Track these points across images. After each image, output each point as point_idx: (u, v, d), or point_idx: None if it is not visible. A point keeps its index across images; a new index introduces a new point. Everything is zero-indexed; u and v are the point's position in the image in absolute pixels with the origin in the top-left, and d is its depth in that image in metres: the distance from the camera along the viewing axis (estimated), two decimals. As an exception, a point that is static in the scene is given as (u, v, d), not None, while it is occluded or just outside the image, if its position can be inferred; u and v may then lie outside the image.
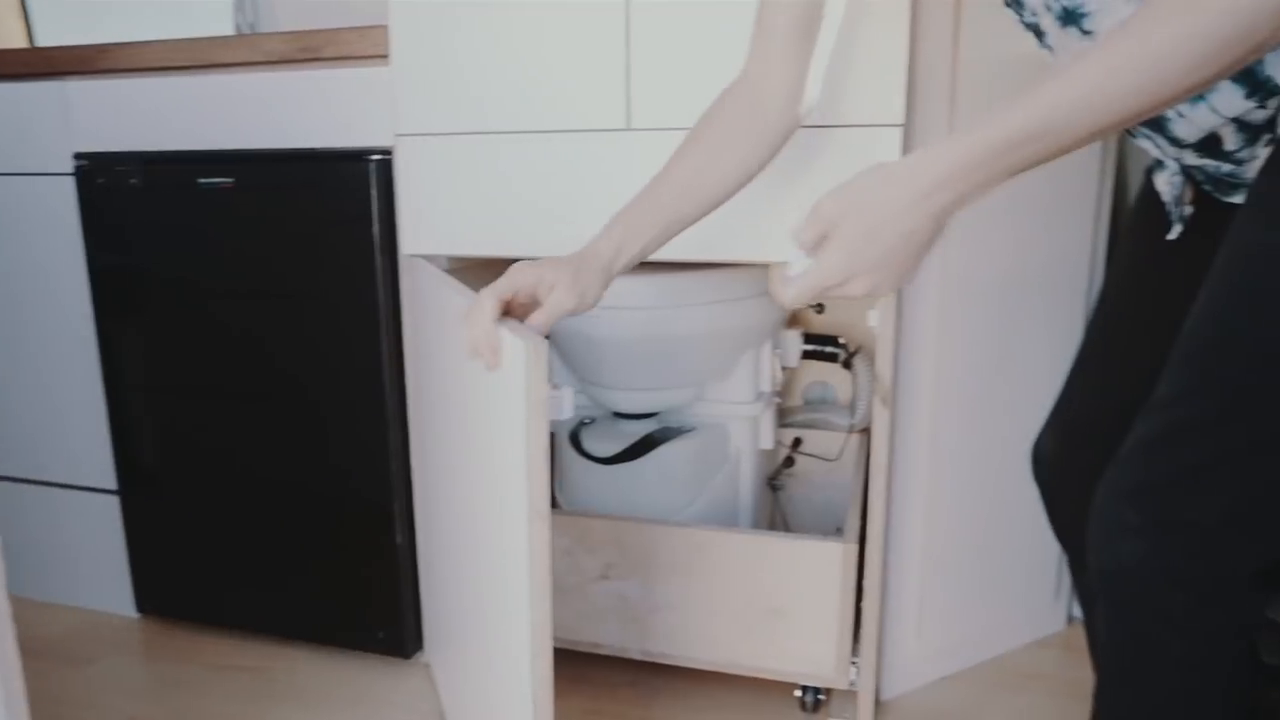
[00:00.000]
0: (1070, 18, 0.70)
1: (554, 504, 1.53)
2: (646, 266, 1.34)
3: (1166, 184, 0.80)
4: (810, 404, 1.77)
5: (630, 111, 1.20)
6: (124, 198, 1.42)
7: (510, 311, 0.83)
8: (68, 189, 1.47)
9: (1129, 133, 0.77)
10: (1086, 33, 0.69)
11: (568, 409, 0.86)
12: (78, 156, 1.45)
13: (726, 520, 1.45)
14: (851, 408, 1.66)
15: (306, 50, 1.32)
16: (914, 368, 1.30)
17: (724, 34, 1.13)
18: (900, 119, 1.09)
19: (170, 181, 1.39)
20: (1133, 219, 0.89)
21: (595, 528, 1.32)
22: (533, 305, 0.83)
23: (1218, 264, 0.66)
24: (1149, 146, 0.78)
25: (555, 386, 0.83)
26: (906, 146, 1.11)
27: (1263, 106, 0.66)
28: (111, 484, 1.58)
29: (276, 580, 1.49)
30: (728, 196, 0.89)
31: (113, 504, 1.59)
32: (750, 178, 0.89)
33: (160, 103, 1.40)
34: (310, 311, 1.37)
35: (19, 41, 2.31)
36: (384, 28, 1.27)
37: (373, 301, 1.33)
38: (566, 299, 0.82)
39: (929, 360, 1.30)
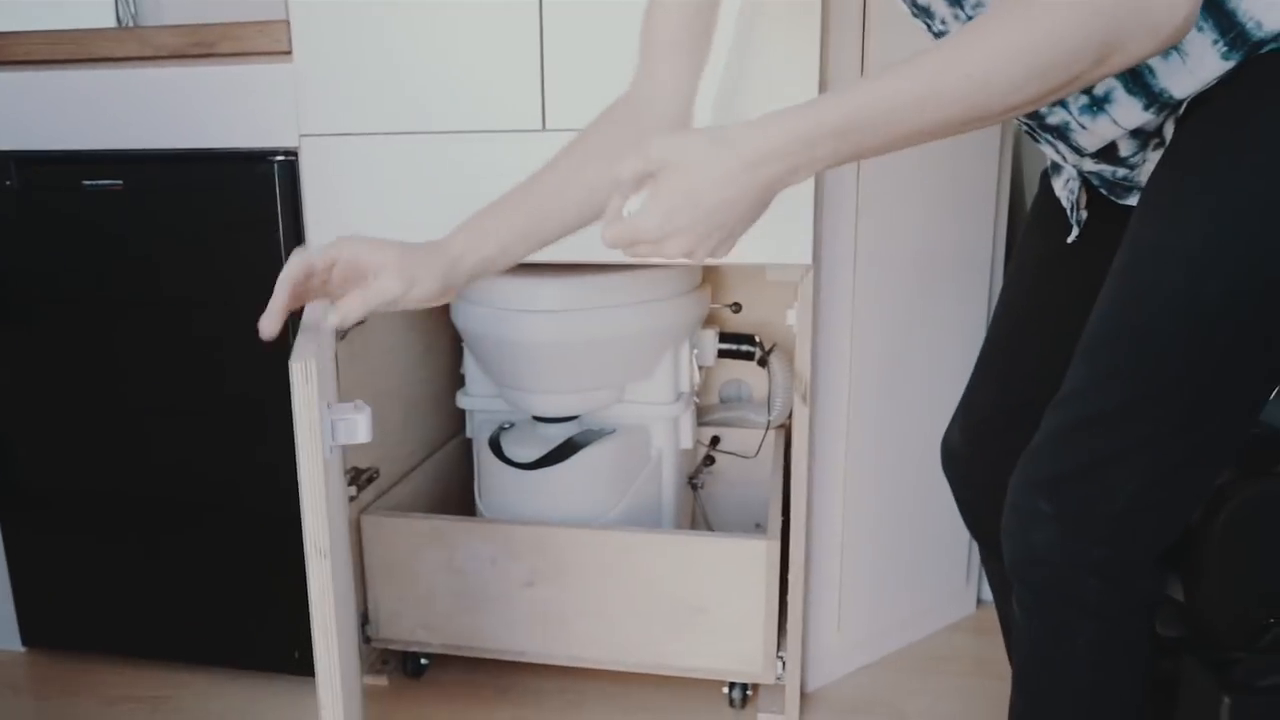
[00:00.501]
0: None
1: (475, 511, 1.50)
2: (564, 269, 1.33)
3: (1064, 189, 0.84)
4: (726, 402, 1.79)
5: (545, 112, 1.18)
6: (-1, 201, 1.33)
7: (328, 287, 0.78)
8: (-67, 192, 1.36)
9: (1032, 137, 0.80)
10: None
11: (364, 433, 0.77)
12: (-56, 156, 1.34)
13: (650, 521, 1.44)
14: (768, 405, 1.68)
15: (201, 45, 1.25)
16: (830, 365, 1.32)
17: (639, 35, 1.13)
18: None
19: (52, 184, 1.30)
20: (1031, 220, 0.93)
21: (518, 535, 1.30)
22: (355, 283, 0.77)
23: (1115, 264, 0.69)
24: (1050, 151, 0.81)
25: (357, 408, 0.77)
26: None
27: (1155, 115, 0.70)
28: (-10, 509, 1.47)
29: (172, 603, 1.41)
30: (596, 212, 0.83)
31: (-8, 531, 1.47)
32: None
33: (40, 99, 1.30)
34: (208, 320, 1.30)
35: None
36: (285, 23, 1.22)
37: (279, 308, 1.27)
38: (392, 285, 0.75)
39: (843, 357, 1.33)
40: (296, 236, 1.27)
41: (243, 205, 1.26)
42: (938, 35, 0.78)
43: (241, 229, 1.26)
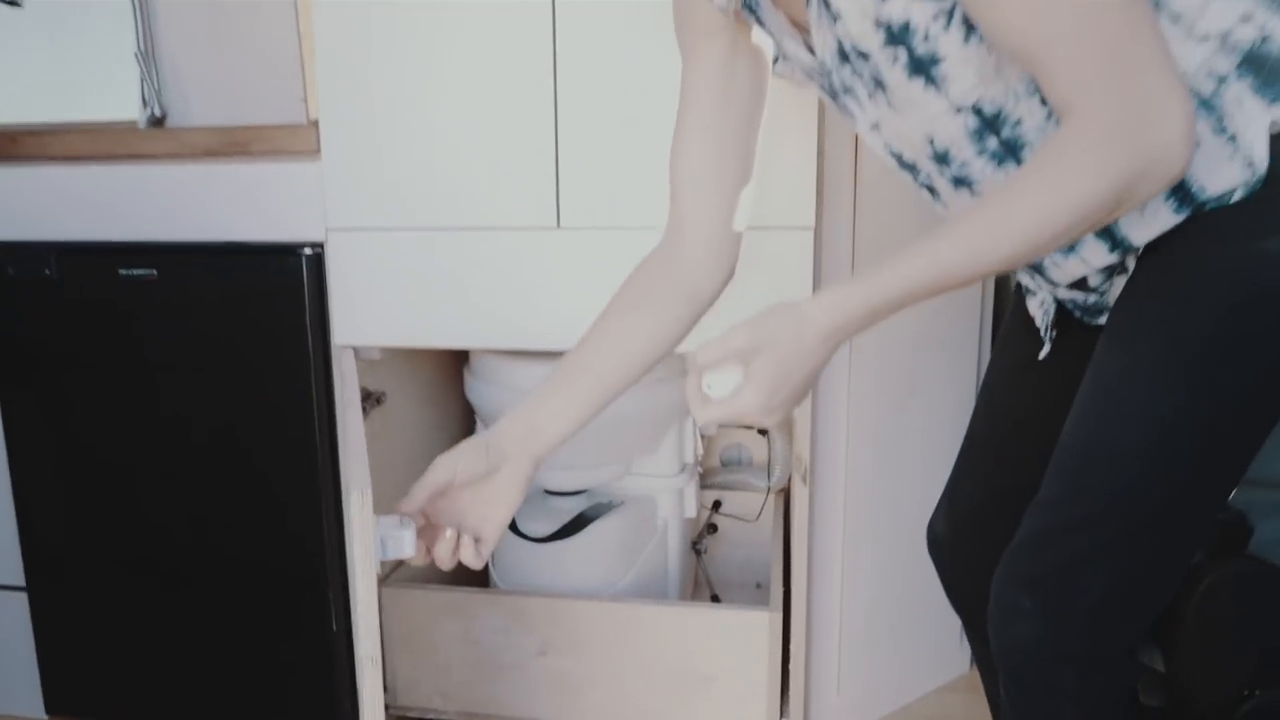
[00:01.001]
0: (961, 183, 0.80)
1: (490, 581, 1.55)
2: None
3: (1039, 309, 0.91)
4: (728, 465, 1.86)
5: (560, 211, 1.26)
6: (37, 288, 1.39)
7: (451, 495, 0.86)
8: (-27, 278, 1.43)
9: None
10: (976, 194, 0.80)
11: (409, 548, 0.83)
12: (-15, 245, 1.41)
13: (657, 587, 1.51)
14: (768, 469, 1.75)
15: (234, 145, 1.33)
16: (828, 444, 1.40)
17: (651, 136, 1.20)
18: (811, 223, 1.20)
19: (89, 273, 1.37)
20: (1007, 329, 1.01)
21: (531, 606, 1.36)
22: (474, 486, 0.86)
23: (1083, 385, 0.77)
24: (1027, 280, 0.89)
25: (402, 523, 0.83)
26: (817, 248, 1.21)
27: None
28: (17, 579, 1.52)
29: (196, 671, 1.46)
30: (652, 361, 0.90)
31: (18, 600, 1.52)
32: (673, 345, 0.91)
33: (79, 192, 1.37)
34: (238, 396, 1.37)
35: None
36: (314, 125, 1.30)
37: (305, 390, 1.34)
38: (511, 495, 0.87)
39: (840, 437, 1.40)
40: (322, 324, 1.34)
41: (272, 295, 1.33)
42: (924, 186, 0.86)
43: (270, 317, 1.33)
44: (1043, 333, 0.91)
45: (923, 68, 0.73)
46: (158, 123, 1.88)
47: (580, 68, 1.21)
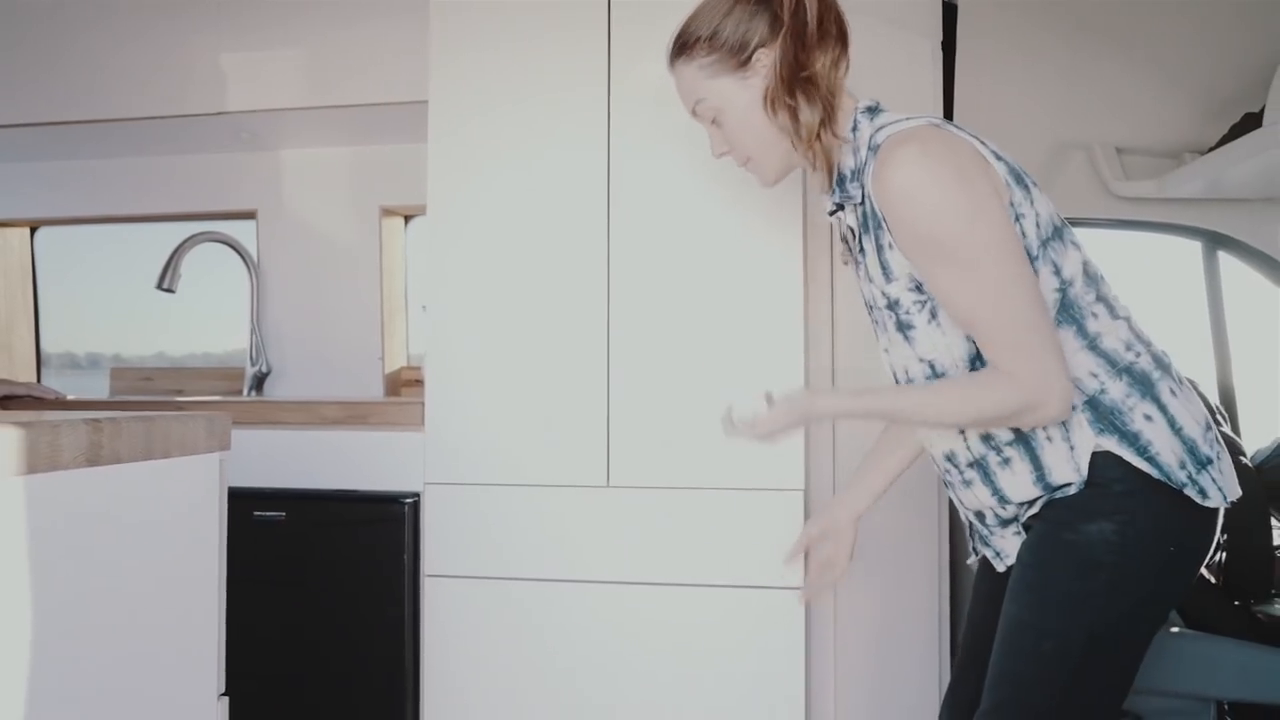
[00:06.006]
0: (902, 327, 1.16)
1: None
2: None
3: (967, 526, 1.28)
4: None
5: (610, 471, 1.65)
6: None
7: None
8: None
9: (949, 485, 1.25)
10: (909, 340, 1.14)
11: None
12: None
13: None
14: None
15: (356, 417, 1.74)
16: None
17: (694, 398, 1.62)
18: (801, 485, 1.59)
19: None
20: (980, 562, 1.37)
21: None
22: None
23: (999, 622, 1.14)
24: (954, 500, 1.26)
25: None
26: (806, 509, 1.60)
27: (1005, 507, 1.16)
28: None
29: None
30: (909, 460, 1.35)
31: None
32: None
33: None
34: (345, 611, 1.69)
35: (28, 350, 2.63)
36: (420, 404, 1.71)
37: (399, 614, 1.67)
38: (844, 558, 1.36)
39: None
40: (415, 557, 1.69)
41: (378, 534, 1.69)
42: (874, 321, 1.22)
43: (377, 551, 1.68)
44: (970, 546, 1.27)
45: (902, 328, 1.15)
46: (262, 379, 2.31)
47: (629, 345, 1.64)
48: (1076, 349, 1.08)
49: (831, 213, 1.21)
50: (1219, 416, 1.83)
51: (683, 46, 1.19)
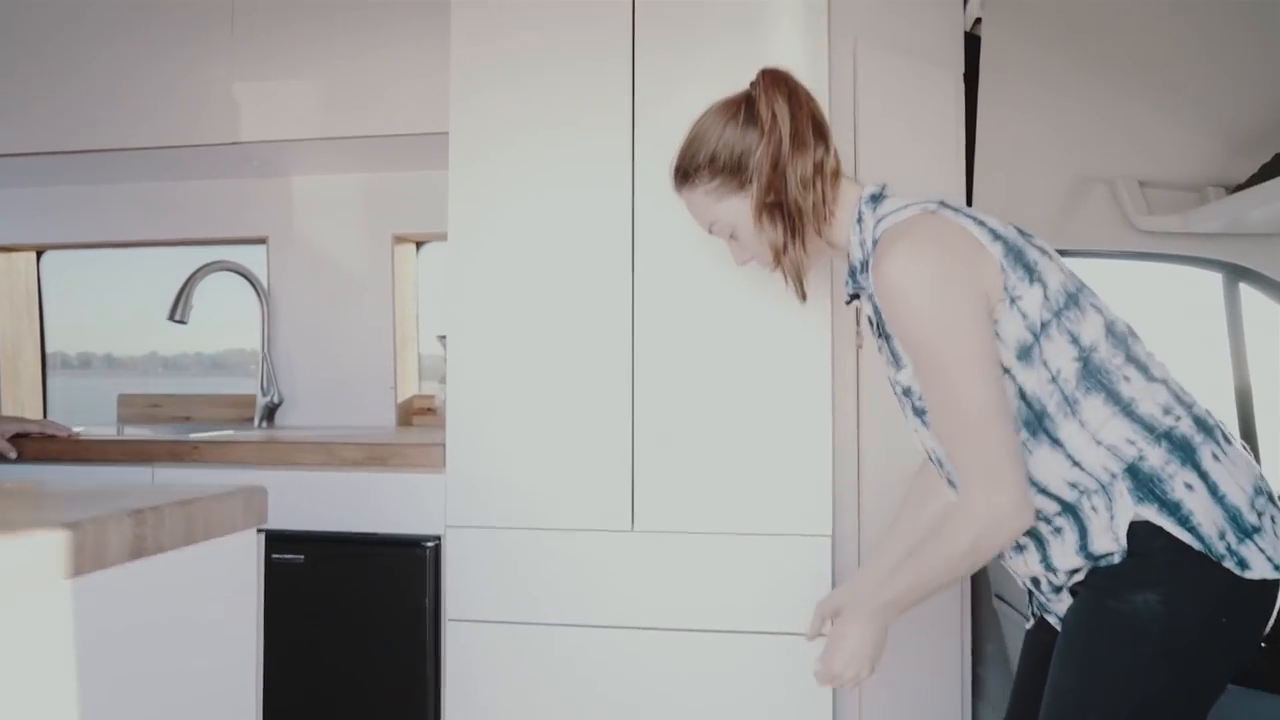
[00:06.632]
0: (917, 412, 1.17)
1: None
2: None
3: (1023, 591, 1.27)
4: None
5: (635, 516, 1.63)
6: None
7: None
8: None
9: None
10: (925, 424, 1.16)
11: None
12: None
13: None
14: None
15: (375, 459, 1.71)
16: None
17: (722, 440, 1.59)
18: (829, 531, 1.58)
19: (247, 557, 1.70)
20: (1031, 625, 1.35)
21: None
22: None
23: (1046, 684, 1.12)
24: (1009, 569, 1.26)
25: None
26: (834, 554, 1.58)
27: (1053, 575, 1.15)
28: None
29: None
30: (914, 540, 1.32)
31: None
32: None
33: (243, 492, 1.73)
34: (367, 652, 1.67)
35: (34, 374, 2.60)
36: (441, 446, 1.69)
37: (420, 659, 1.65)
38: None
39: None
40: (437, 601, 1.67)
41: (399, 577, 1.66)
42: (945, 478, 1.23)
43: (399, 594, 1.66)
44: (1029, 610, 1.26)
45: (918, 414, 1.16)
46: (273, 410, 2.28)
47: (655, 385, 1.62)
48: (1109, 415, 1.07)
49: (848, 301, 1.25)
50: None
51: (685, 175, 1.26)
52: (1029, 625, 1.28)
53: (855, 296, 1.23)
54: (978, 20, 1.95)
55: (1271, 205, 1.66)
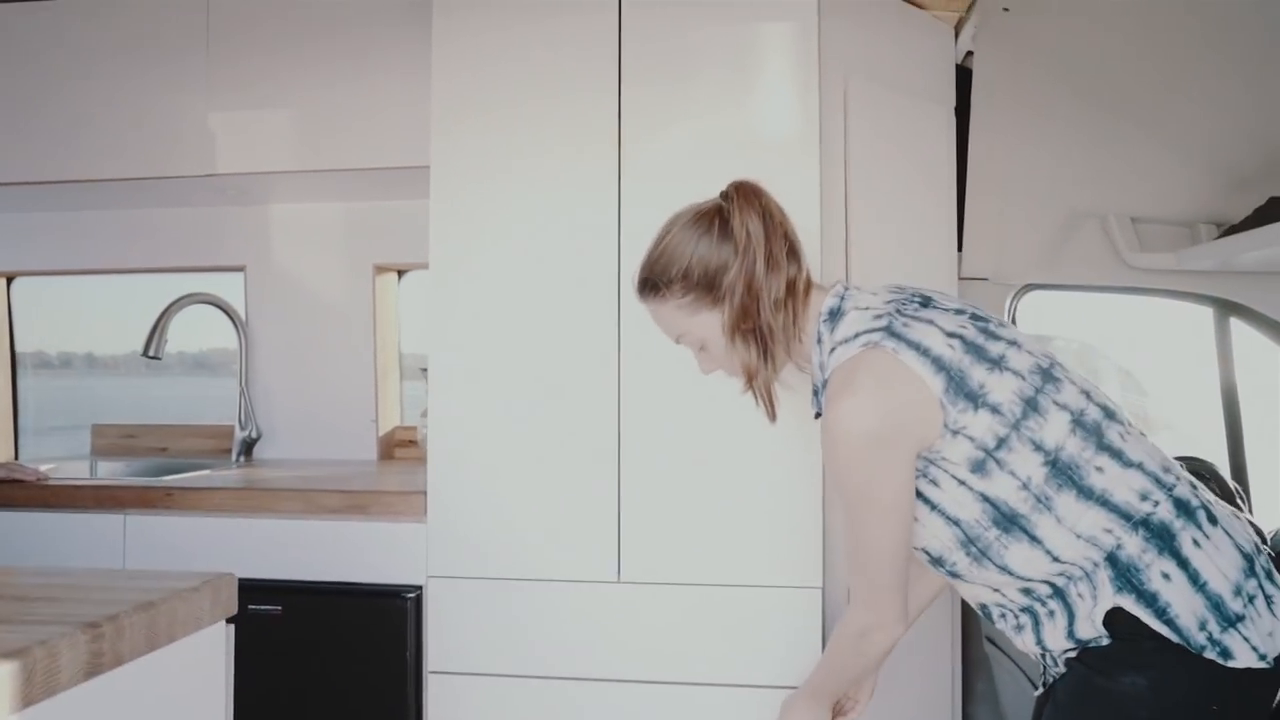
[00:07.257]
0: (954, 575, 1.15)
1: None
2: None
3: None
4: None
5: (621, 565, 1.60)
6: (174, 619, 1.67)
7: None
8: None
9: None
10: (935, 507, 1.12)
11: None
12: (132, 580, 1.70)
13: None
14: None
15: (355, 507, 1.67)
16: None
17: (708, 491, 1.56)
18: (819, 583, 1.55)
19: (223, 608, 1.66)
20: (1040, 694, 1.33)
21: None
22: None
23: None
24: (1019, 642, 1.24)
25: None
26: (825, 605, 1.55)
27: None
28: None
29: None
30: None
31: None
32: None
33: (217, 540, 1.69)
34: (346, 706, 1.63)
35: (4, 403, 2.53)
36: (423, 493, 1.65)
37: (401, 712, 1.61)
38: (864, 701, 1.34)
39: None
40: (418, 653, 1.63)
41: (380, 628, 1.62)
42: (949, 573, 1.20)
43: (379, 646, 1.62)
44: (1041, 679, 1.24)
45: (928, 502, 1.12)
46: (251, 445, 2.24)
47: (641, 433, 1.58)
48: (1084, 510, 1.05)
49: (816, 416, 1.23)
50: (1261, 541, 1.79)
51: (654, 289, 1.22)
52: (1038, 693, 1.26)
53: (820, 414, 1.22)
54: (969, 53, 1.92)
55: (1264, 250, 1.64)
